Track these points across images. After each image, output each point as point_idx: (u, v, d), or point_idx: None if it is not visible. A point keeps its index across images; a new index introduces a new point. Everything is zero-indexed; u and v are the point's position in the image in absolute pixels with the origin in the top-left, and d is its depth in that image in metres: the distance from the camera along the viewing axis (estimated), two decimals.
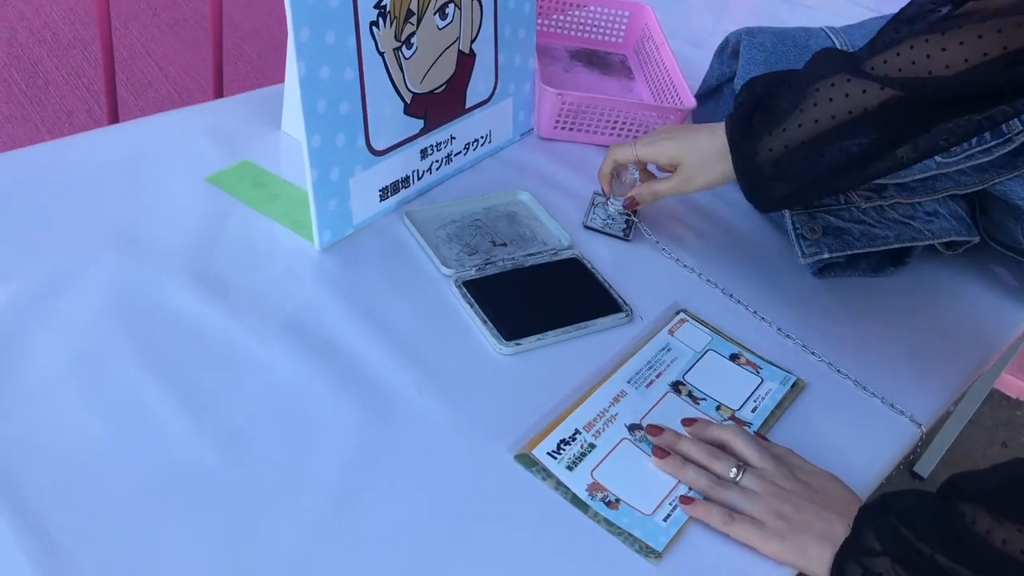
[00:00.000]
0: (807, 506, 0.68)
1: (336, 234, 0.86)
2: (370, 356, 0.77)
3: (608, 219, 0.97)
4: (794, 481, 0.70)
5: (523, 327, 0.82)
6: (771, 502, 0.69)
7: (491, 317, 0.82)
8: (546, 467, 0.71)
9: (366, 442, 0.70)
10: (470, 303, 0.83)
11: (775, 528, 0.68)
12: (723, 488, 0.70)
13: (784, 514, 0.68)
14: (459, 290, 0.84)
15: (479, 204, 0.95)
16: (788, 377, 0.84)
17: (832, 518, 0.68)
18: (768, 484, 0.70)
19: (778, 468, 0.71)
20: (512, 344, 0.80)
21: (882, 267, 0.99)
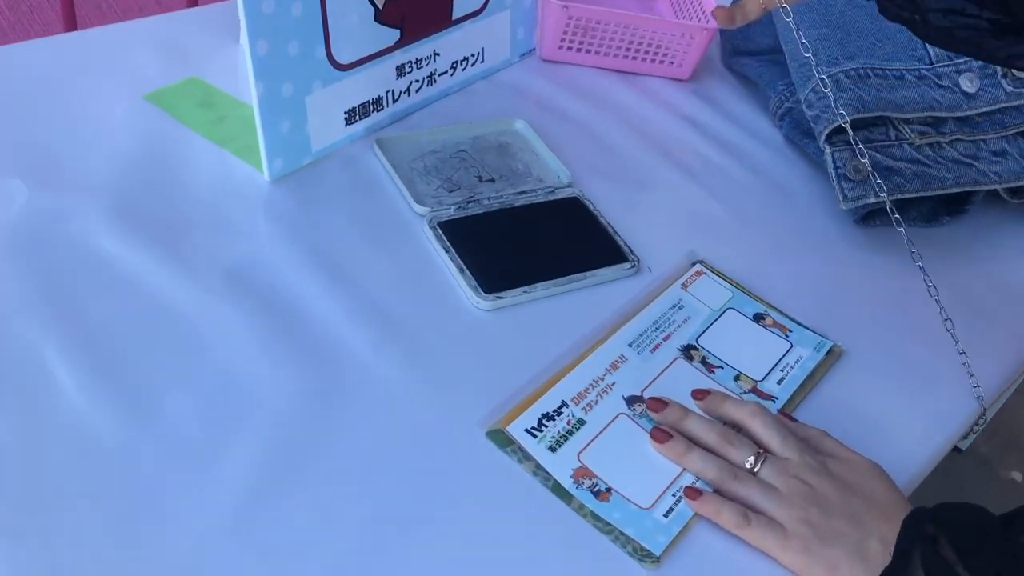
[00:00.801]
0: (840, 510, 0.55)
1: (290, 163, 0.73)
2: (320, 309, 0.64)
3: None
4: (825, 476, 0.57)
5: (507, 277, 0.69)
6: (796, 502, 0.56)
7: (469, 265, 0.69)
8: (523, 447, 0.58)
9: (307, 412, 0.58)
10: (446, 247, 0.70)
11: (799, 536, 0.55)
12: (738, 480, 0.57)
13: (811, 519, 0.55)
14: (433, 232, 0.71)
15: (465, 133, 0.81)
16: (822, 342, 0.70)
17: (871, 528, 0.55)
18: (793, 479, 0.57)
19: (806, 458, 0.58)
20: (492, 297, 0.67)
21: (936, 216, 0.85)
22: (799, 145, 0.88)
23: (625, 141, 0.87)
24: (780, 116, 0.90)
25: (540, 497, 0.57)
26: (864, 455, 0.60)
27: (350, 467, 0.56)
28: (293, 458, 0.56)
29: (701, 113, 0.93)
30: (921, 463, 0.65)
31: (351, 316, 0.64)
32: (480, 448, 0.58)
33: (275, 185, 0.73)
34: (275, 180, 0.73)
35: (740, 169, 0.87)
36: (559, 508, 0.56)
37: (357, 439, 0.57)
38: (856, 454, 0.60)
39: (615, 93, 0.92)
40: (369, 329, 0.64)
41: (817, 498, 0.56)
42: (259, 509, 0.53)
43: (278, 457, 0.55)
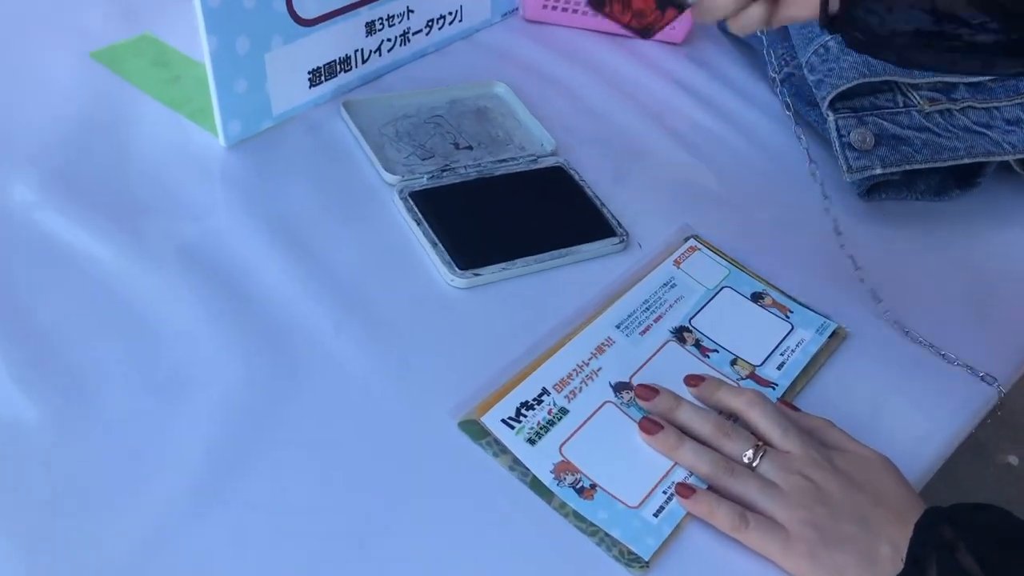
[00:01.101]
0: (847, 510, 0.50)
1: (249, 127, 0.67)
2: (277, 286, 0.59)
3: None
4: (831, 472, 0.52)
5: (484, 253, 0.63)
6: (799, 501, 0.51)
7: (443, 238, 0.63)
8: (499, 439, 0.53)
9: (260, 399, 0.53)
10: (417, 219, 0.64)
11: (803, 539, 0.49)
12: (734, 476, 0.52)
13: (816, 520, 0.50)
14: (404, 203, 0.65)
15: (441, 96, 0.75)
16: (826, 324, 0.65)
17: (880, 530, 0.49)
18: (795, 476, 0.52)
19: (809, 452, 0.53)
20: (468, 274, 0.61)
21: (945, 188, 0.79)
22: (800, 113, 0.83)
23: (614, 108, 0.81)
24: (780, 82, 0.84)
25: (517, 495, 0.51)
26: (872, 448, 0.55)
27: (305, 459, 0.50)
28: (242, 449, 0.50)
29: (695, 79, 0.87)
30: (933, 455, 0.59)
31: (311, 294, 0.59)
32: (452, 440, 0.53)
33: (232, 151, 0.67)
34: (232, 146, 0.67)
35: (736, 138, 0.81)
36: (538, 507, 0.51)
37: (314, 428, 0.52)
38: (863, 447, 0.55)
39: (603, 57, 0.86)
40: (330, 308, 0.58)
41: (822, 496, 0.51)
42: (204, 505, 0.47)
43: (226, 448, 0.50)
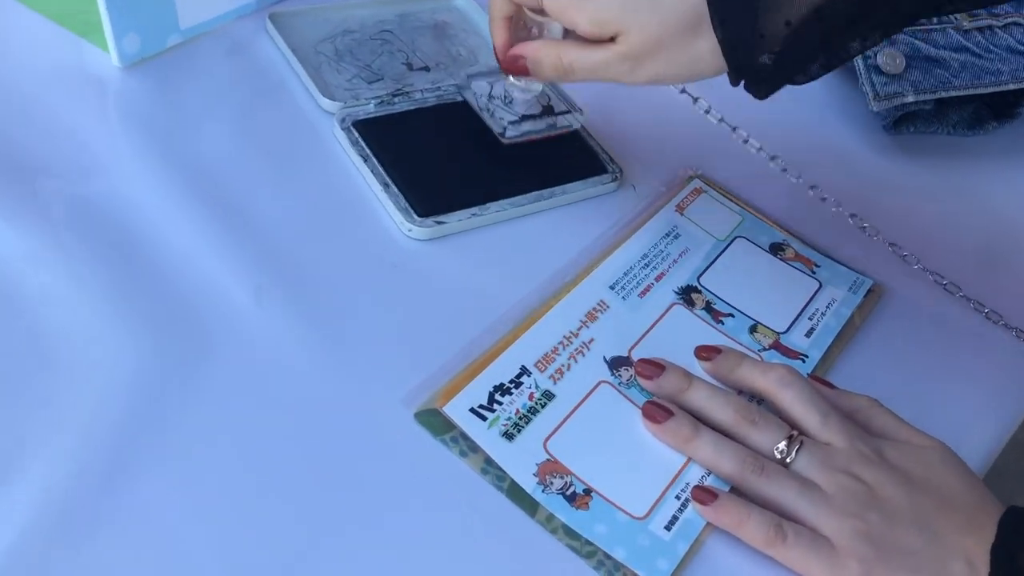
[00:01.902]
0: (908, 517, 0.40)
1: (150, 44, 0.54)
2: (185, 244, 0.46)
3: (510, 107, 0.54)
4: (884, 468, 0.41)
5: (449, 195, 0.51)
6: (848, 507, 0.40)
7: (397, 178, 0.51)
8: (467, 434, 0.41)
9: (157, 385, 0.41)
10: (364, 155, 0.52)
11: (854, 555, 0.39)
12: (765, 475, 0.41)
13: (871, 531, 0.39)
14: (347, 135, 0.53)
15: (389, 9, 0.62)
16: (860, 280, 0.54)
17: (951, 541, 0.39)
18: (840, 474, 0.41)
19: (855, 443, 0.42)
20: (430, 222, 0.50)
21: (981, 121, 0.68)
22: None
23: None
24: None
25: (492, 505, 0.40)
26: (927, 433, 0.44)
27: (214, 463, 0.39)
28: (134, 448, 0.38)
29: None
30: (994, 437, 0.49)
31: (227, 252, 0.46)
32: (407, 436, 0.41)
33: (129, 73, 0.53)
34: (129, 66, 0.53)
35: None
36: (518, 520, 0.40)
37: (226, 423, 0.40)
38: (918, 433, 0.44)
39: None
40: (251, 270, 0.46)
41: (876, 501, 0.40)
42: (80, 522, 0.35)
43: (112, 447, 0.38)
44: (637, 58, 0.44)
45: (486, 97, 0.54)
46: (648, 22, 0.43)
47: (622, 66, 0.45)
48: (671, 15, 0.43)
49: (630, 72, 0.45)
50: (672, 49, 0.43)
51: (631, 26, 0.43)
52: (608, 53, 0.45)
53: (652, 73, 0.44)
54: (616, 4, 0.44)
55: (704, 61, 0.43)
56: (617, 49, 0.44)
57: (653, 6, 0.43)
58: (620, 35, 0.44)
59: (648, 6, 0.43)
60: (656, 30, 0.43)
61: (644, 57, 0.44)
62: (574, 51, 0.46)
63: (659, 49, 0.43)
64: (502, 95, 0.54)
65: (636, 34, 0.43)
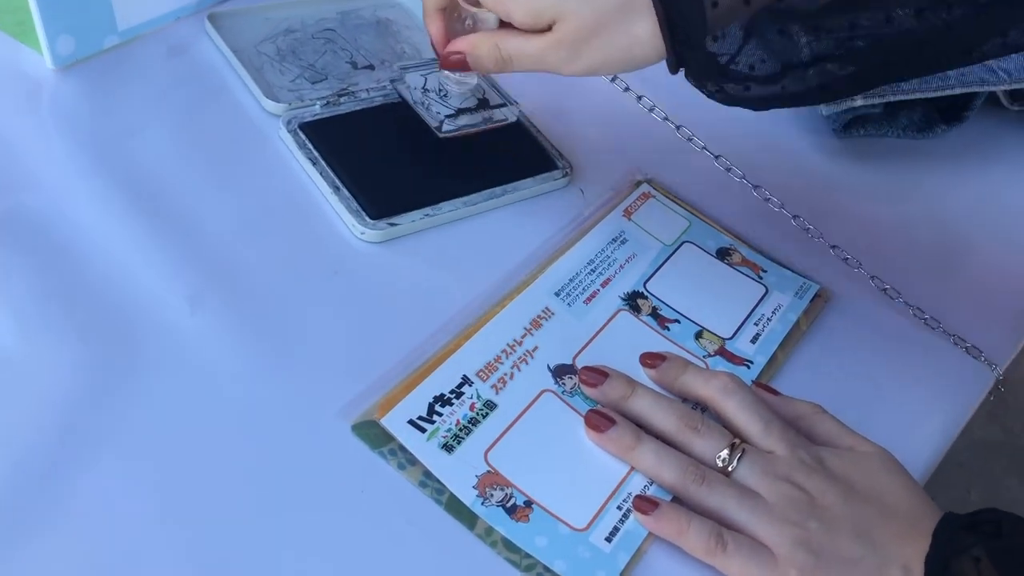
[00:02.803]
0: (848, 525, 0.40)
1: (85, 45, 0.53)
2: (119, 252, 0.45)
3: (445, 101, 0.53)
4: (825, 476, 0.41)
5: (400, 196, 0.51)
6: (788, 515, 0.40)
7: (348, 180, 0.50)
8: (405, 446, 0.41)
9: (92, 393, 0.40)
10: (312, 158, 0.51)
11: (793, 563, 0.39)
12: (707, 485, 0.41)
13: (810, 539, 0.39)
14: (294, 137, 0.52)
15: (330, 7, 0.61)
16: (806, 285, 0.54)
17: (890, 548, 0.40)
18: (781, 482, 0.41)
19: (797, 451, 0.42)
20: (383, 224, 0.49)
21: (930, 124, 0.69)
22: None
23: None
24: None
25: (430, 519, 0.39)
26: (870, 440, 0.44)
27: (144, 478, 0.38)
28: (58, 465, 0.37)
29: None
30: (937, 442, 0.49)
31: (165, 260, 0.45)
32: (343, 448, 0.41)
33: (64, 76, 0.52)
34: (63, 67, 0.52)
35: None
36: (458, 534, 0.39)
37: (155, 438, 0.39)
38: (861, 439, 0.44)
39: None
40: (190, 277, 0.45)
41: (816, 509, 0.40)
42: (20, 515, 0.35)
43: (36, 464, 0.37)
44: (574, 45, 0.43)
45: (420, 91, 0.53)
46: (582, 8, 0.42)
47: (559, 54, 0.44)
48: (607, 2, 0.42)
49: (568, 61, 0.44)
50: (609, 35, 0.43)
51: (566, 13, 0.43)
52: (545, 42, 0.44)
53: (589, 61, 0.44)
54: None
55: (642, 45, 0.42)
56: (553, 37, 0.44)
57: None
58: (556, 23, 0.43)
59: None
60: (591, 16, 0.42)
61: (580, 44, 0.43)
62: (512, 41, 0.45)
63: (595, 35, 0.43)
64: (437, 88, 0.53)
65: (571, 21, 0.43)
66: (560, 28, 0.43)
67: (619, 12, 0.42)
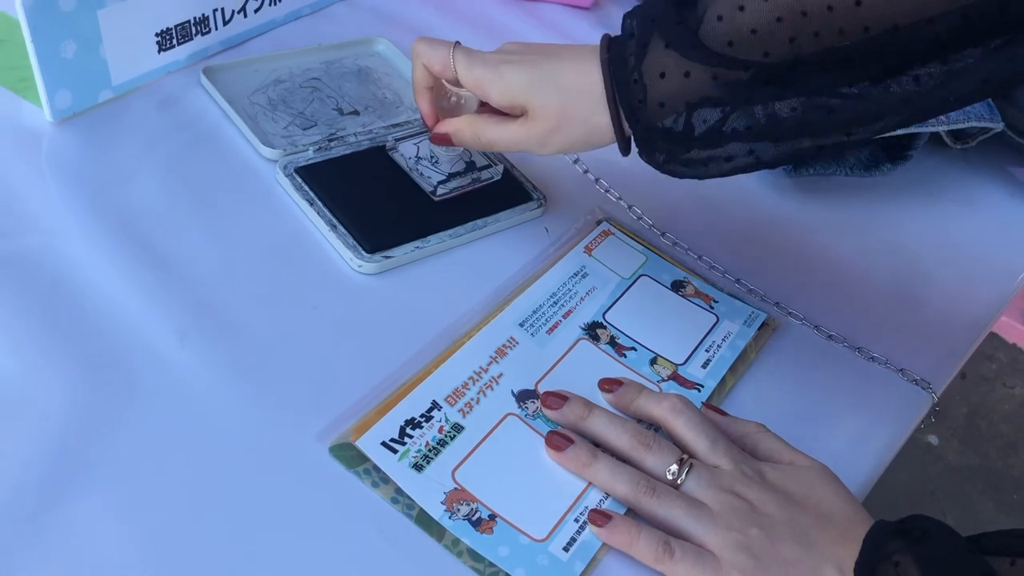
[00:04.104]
0: (786, 531, 0.43)
1: (82, 99, 0.57)
2: (113, 289, 0.49)
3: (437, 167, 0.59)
4: (766, 488, 0.45)
5: (392, 231, 0.55)
6: (731, 523, 0.44)
7: (343, 218, 0.55)
8: (379, 466, 0.44)
9: (86, 423, 0.43)
10: (309, 199, 0.55)
11: (736, 567, 0.42)
12: (657, 497, 0.45)
13: (751, 544, 0.43)
14: (291, 180, 0.56)
15: (314, 57, 0.66)
16: (754, 314, 0.58)
17: (825, 551, 0.43)
18: (726, 494, 0.45)
19: (740, 466, 0.46)
20: (378, 257, 0.53)
21: (877, 163, 0.73)
22: None
23: None
24: None
25: (401, 532, 0.43)
26: (809, 455, 0.48)
27: (136, 499, 0.41)
28: (55, 491, 0.40)
29: None
30: (876, 459, 0.53)
31: (158, 299, 0.49)
32: (320, 468, 0.44)
33: (62, 128, 0.56)
34: (61, 120, 0.56)
35: None
36: (427, 546, 0.43)
37: (149, 459, 0.42)
38: (801, 455, 0.48)
39: (505, 21, 0.78)
40: (181, 314, 0.49)
41: (757, 517, 0.44)
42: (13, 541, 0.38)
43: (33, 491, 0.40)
44: (542, 135, 0.51)
45: (414, 159, 0.59)
46: (549, 100, 0.49)
47: (531, 142, 0.51)
48: (571, 96, 0.49)
49: (540, 146, 0.51)
50: (573, 124, 0.50)
51: (535, 105, 0.50)
52: (519, 131, 0.51)
53: (558, 146, 0.51)
54: (523, 82, 0.50)
55: (600, 134, 0.49)
56: (525, 128, 0.51)
57: (556, 87, 0.49)
58: (528, 112, 0.50)
59: (552, 87, 0.49)
60: (557, 108, 0.49)
61: (550, 133, 0.50)
62: (490, 128, 0.53)
63: (561, 125, 0.50)
64: (428, 155, 0.59)
65: (540, 113, 0.50)
66: (531, 118, 0.51)
67: (581, 105, 0.49)
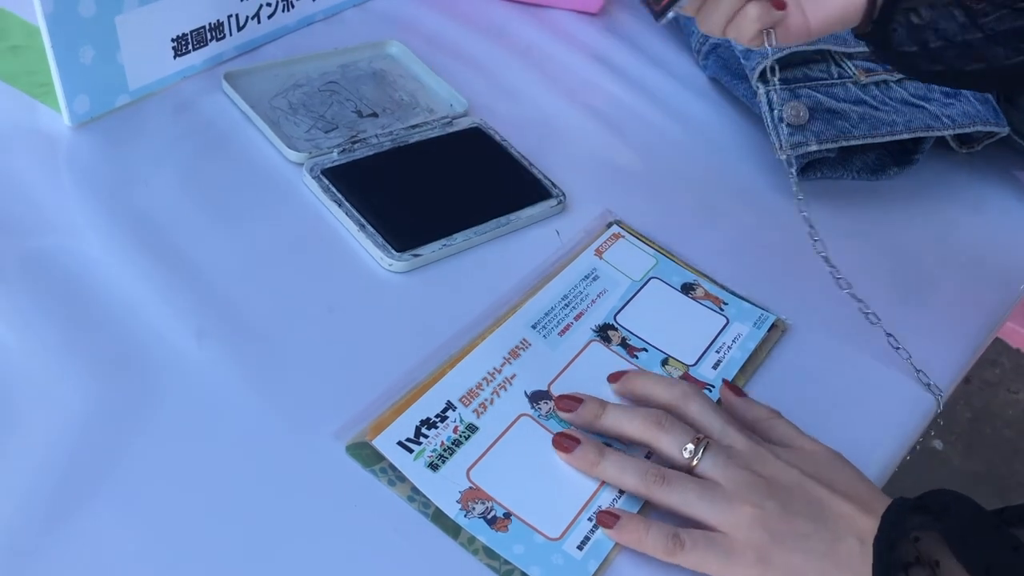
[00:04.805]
0: (802, 503, 0.44)
1: (100, 103, 0.58)
2: (131, 291, 0.50)
3: None
4: (780, 464, 0.46)
5: (420, 230, 0.56)
6: (745, 496, 0.44)
7: (371, 218, 0.56)
8: (395, 465, 0.45)
9: (106, 423, 0.44)
10: (337, 200, 0.56)
11: (750, 544, 0.43)
12: (668, 484, 0.45)
13: (765, 519, 0.43)
14: (319, 182, 0.57)
15: (331, 61, 0.66)
16: (764, 316, 0.59)
17: (843, 523, 0.43)
18: (741, 471, 0.45)
19: (753, 445, 0.46)
20: (407, 256, 0.54)
21: (882, 166, 0.74)
22: (727, 87, 0.76)
23: (526, 82, 0.73)
24: (705, 54, 0.78)
25: (418, 530, 0.43)
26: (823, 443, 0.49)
27: (157, 497, 0.42)
28: (81, 482, 0.41)
29: (615, 52, 0.80)
30: (882, 463, 0.54)
31: (177, 300, 0.50)
32: (338, 466, 0.45)
33: (80, 132, 0.57)
34: (79, 124, 0.57)
35: (660, 115, 0.74)
36: (443, 544, 0.43)
37: (170, 459, 0.43)
38: (814, 441, 0.49)
39: (514, 27, 0.79)
40: (198, 313, 0.49)
41: (772, 490, 0.44)
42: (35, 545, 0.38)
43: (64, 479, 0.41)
44: None
45: None
46: None
47: None
48: None
49: None
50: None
51: None
52: None
53: None
54: None
55: None
56: None
57: None
58: None
59: None
60: None
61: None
62: None
63: None
64: None
65: None
66: None
67: None
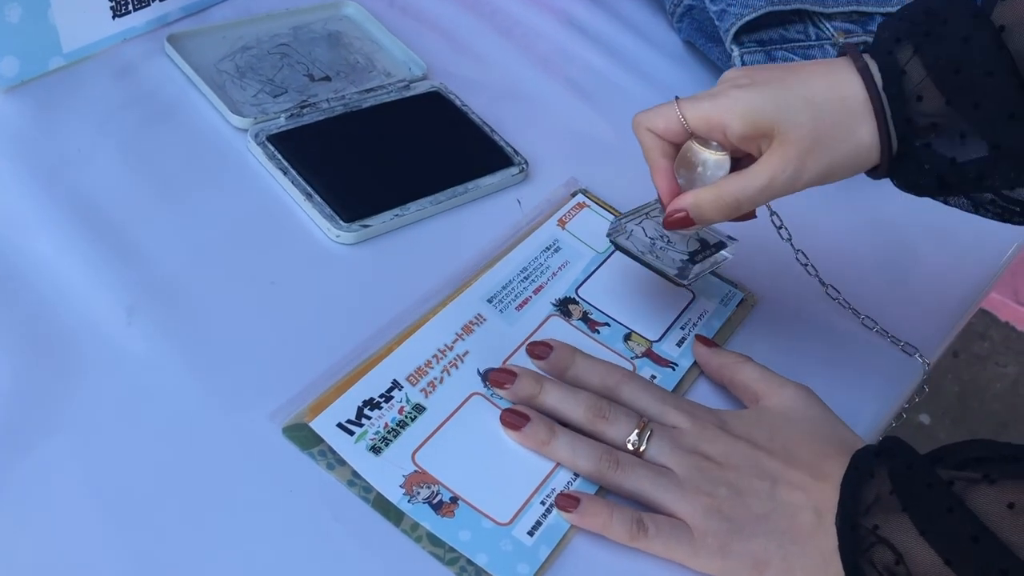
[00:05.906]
0: (754, 483, 0.42)
1: (30, 65, 0.54)
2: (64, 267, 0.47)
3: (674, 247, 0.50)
4: (728, 439, 0.44)
5: (370, 199, 0.53)
6: (698, 485, 0.42)
7: (319, 187, 0.53)
8: (334, 448, 0.42)
9: (29, 400, 0.41)
10: (283, 168, 0.54)
11: (710, 533, 0.41)
12: (622, 470, 0.43)
13: (721, 506, 0.42)
14: (263, 149, 0.54)
15: (282, 22, 0.63)
16: (732, 292, 0.56)
17: (797, 496, 0.42)
18: (689, 454, 0.43)
19: (698, 421, 0.45)
20: (355, 226, 0.52)
21: None
22: (702, 50, 0.73)
23: (492, 46, 0.70)
24: (679, 16, 0.75)
25: (357, 517, 0.41)
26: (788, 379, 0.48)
27: (85, 473, 0.39)
28: None
29: (585, 14, 0.77)
30: (868, 423, 0.52)
31: (111, 276, 0.47)
32: (273, 450, 0.42)
33: (9, 96, 0.54)
34: (7, 89, 0.54)
35: (632, 80, 0.71)
36: (385, 531, 0.41)
37: (97, 437, 0.41)
38: (778, 380, 0.48)
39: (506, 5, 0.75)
40: (133, 290, 0.47)
41: (723, 473, 0.43)
42: None
43: None
44: (798, 158, 0.43)
45: (647, 242, 0.50)
46: (800, 116, 0.42)
47: (786, 173, 0.43)
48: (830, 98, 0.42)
49: (795, 177, 0.43)
50: (832, 141, 0.42)
51: (785, 123, 0.42)
52: (767, 164, 0.43)
53: (816, 171, 0.43)
54: (764, 99, 0.43)
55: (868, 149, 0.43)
56: (775, 155, 0.43)
57: (801, 94, 0.42)
58: (775, 135, 0.43)
59: (796, 96, 0.42)
60: (811, 124, 0.42)
61: (805, 155, 0.43)
62: (732, 182, 0.45)
63: (818, 144, 0.42)
64: (660, 235, 0.50)
65: (792, 132, 0.42)
66: (779, 144, 0.43)
67: (841, 116, 0.42)
